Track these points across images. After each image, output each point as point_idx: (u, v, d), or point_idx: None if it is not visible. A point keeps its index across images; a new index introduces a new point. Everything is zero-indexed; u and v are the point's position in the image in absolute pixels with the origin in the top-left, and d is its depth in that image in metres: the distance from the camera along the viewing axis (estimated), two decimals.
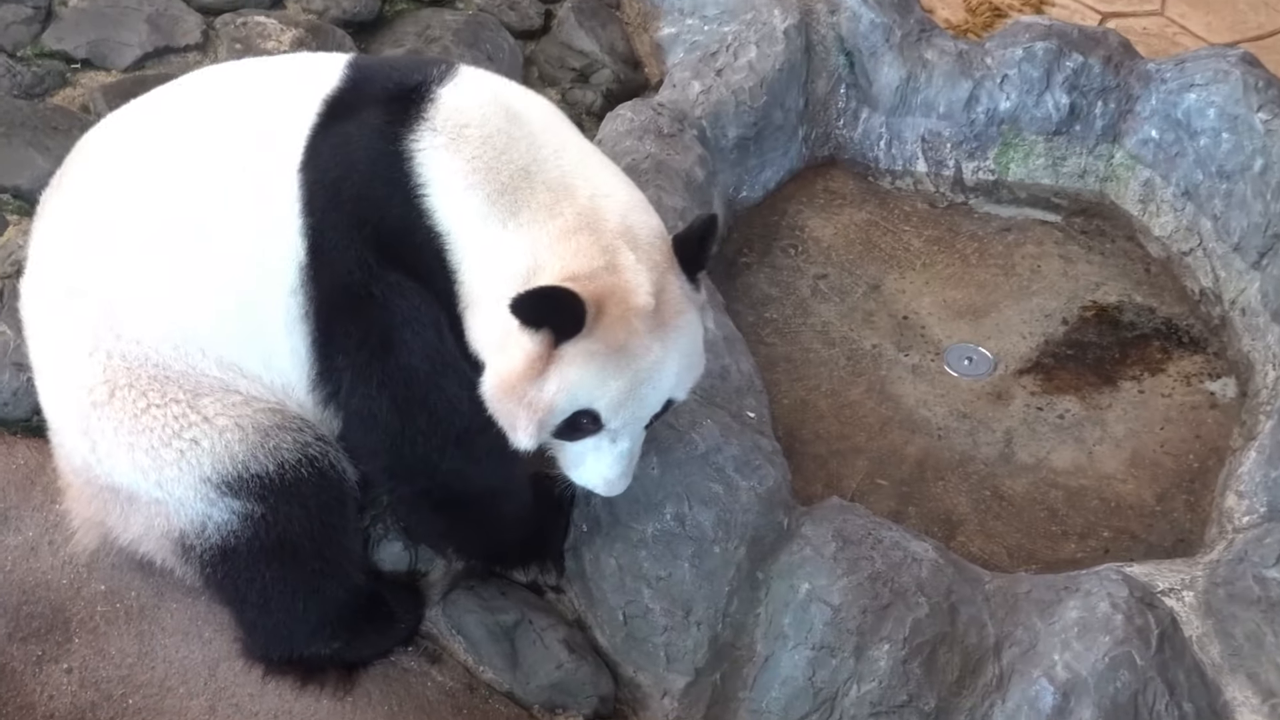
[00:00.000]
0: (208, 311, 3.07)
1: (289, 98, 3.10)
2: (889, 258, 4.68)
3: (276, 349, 3.12)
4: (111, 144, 3.21)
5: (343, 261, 2.99)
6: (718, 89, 4.64)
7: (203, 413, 3.12)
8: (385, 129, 2.96)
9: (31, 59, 4.78)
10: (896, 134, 4.96)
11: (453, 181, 2.92)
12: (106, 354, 3.11)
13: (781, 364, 4.25)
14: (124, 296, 3.08)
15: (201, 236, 3.03)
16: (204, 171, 3.06)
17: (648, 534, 3.45)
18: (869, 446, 4.09)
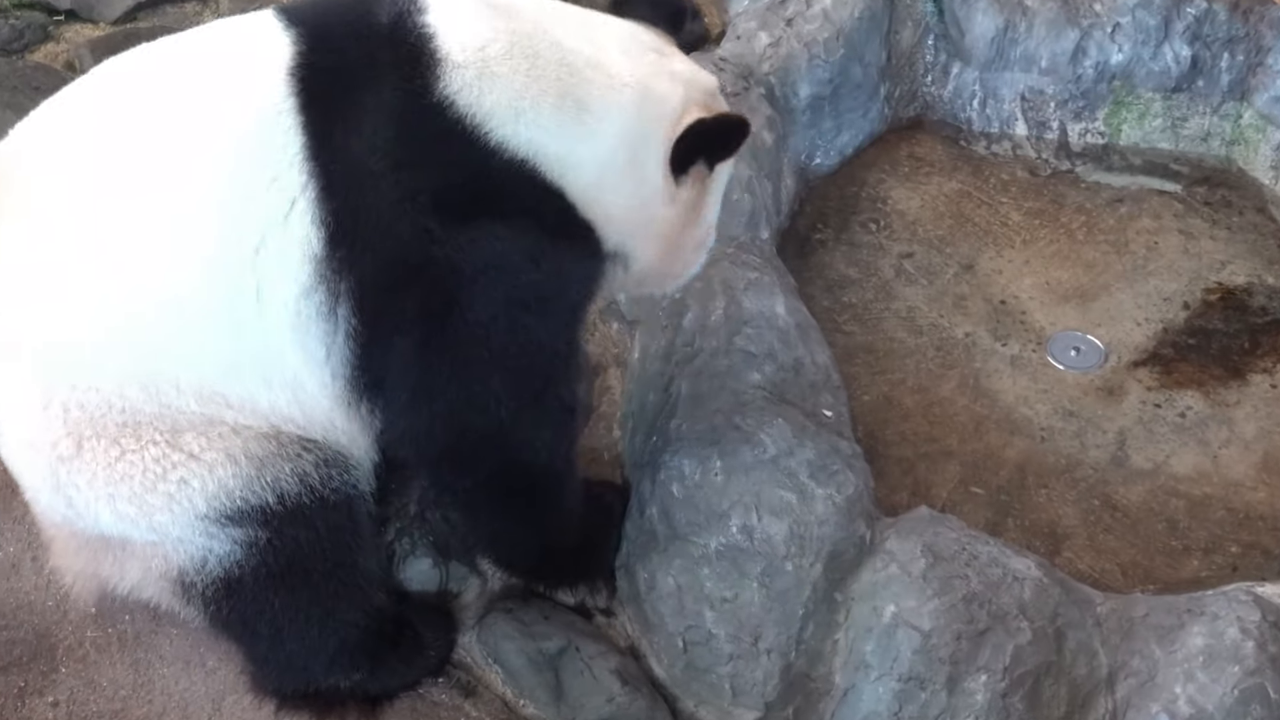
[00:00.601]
0: (184, 341, 3.05)
1: (243, 79, 3.07)
2: (984, 233, 4.68)
3: (281, 362, 3.11)
4: (33, 156, 3.14)
5: (389, 238, 3.02)
6: (788, 41, 4.65)
7: (187, 450, 3.12)
8: (407, 85, 2.99)
9: (10, 10, 4.82)
10: (992, 92, 4.96)
11: (511, 107, 3.01)
12: (63, 407, 3.08)
13: (861, 355, 4.26)
14: (71, 339, 3.04)
15: (166, 257, 3.01)
16: (160, 181, 3.02)
17: (711, 549, 3.45)
18: (962, 449, 4.09)
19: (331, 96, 3.01)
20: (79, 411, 3.08)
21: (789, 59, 4.62)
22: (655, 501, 3.53)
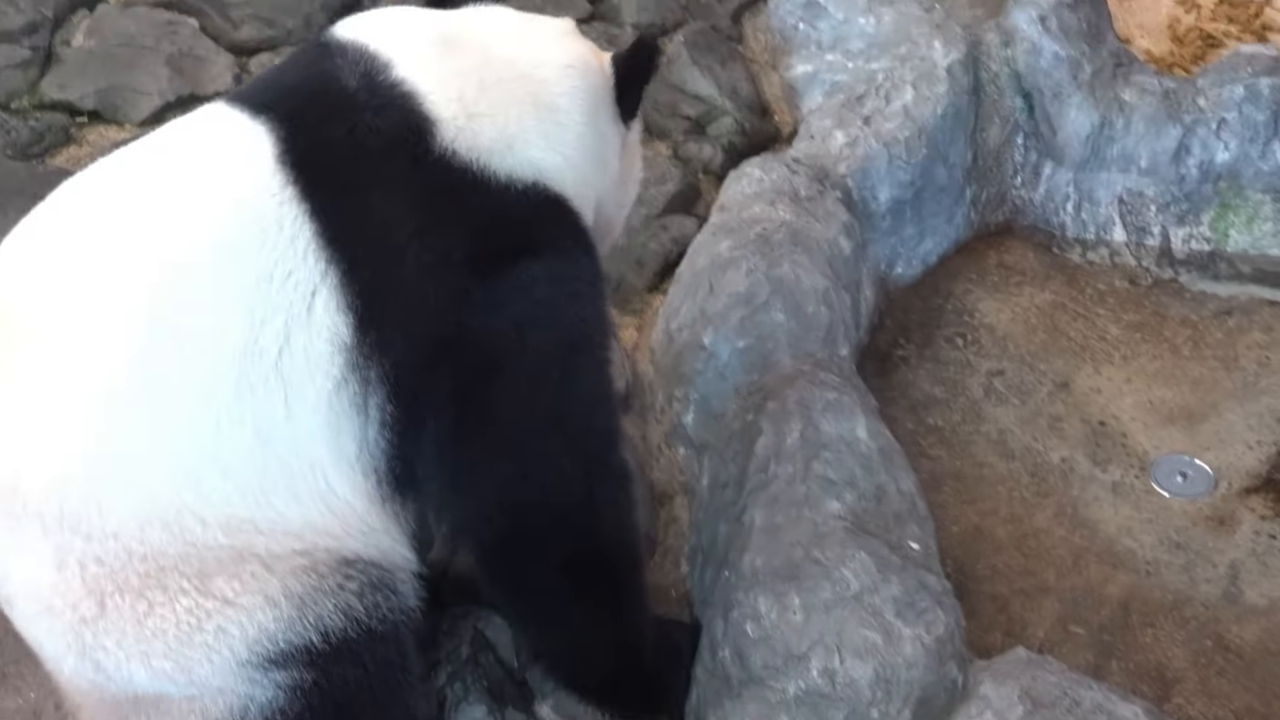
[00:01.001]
0: (207, 468, 3.01)
1: (230, 177, 3.08)
2: (1080, 349, 4.69)
3: (312, 470, 3.10)
4: (12, 284, 3.10)
5: (423, 310, 3.07)
6: (865, 140, 4.69)
7: (220, 596, 3.07)
8: (406, 150, 3.08)
9: (29, 111, 4.88)
10: (1087, 194, 4.98)
11: (504, 139, 3.16)
12: (79, 563, 3.02)
13: (949, 482, 4.27)
14: (79, 484, 2.97)
15: (178, 378, 2.97)
16: (159, 297, 2.98)
17: (789, 694, 3.44)
18: (1059, 585, 4.08)
19: (331, 177, 3.05)
20: (97, 567, 3.01)
21: (867, 160, 4.65)
22: (728, 642, 3.53)
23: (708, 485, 3.98)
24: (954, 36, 4.89)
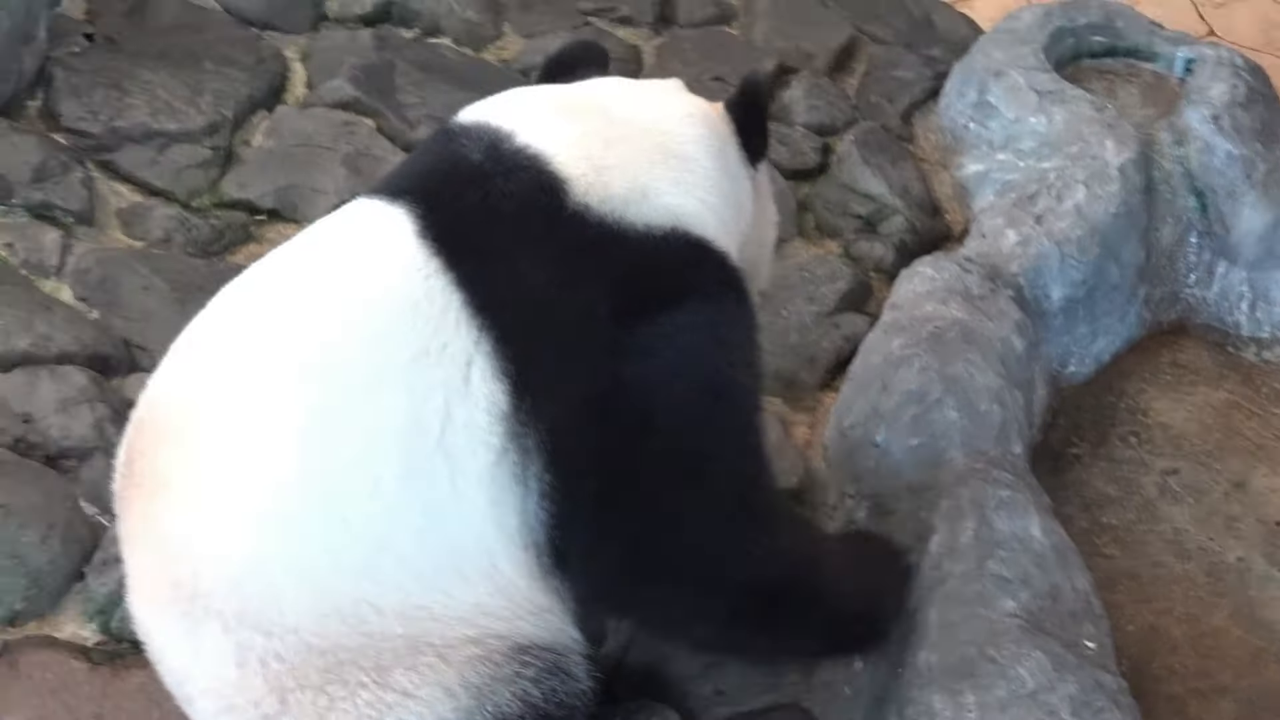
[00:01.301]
0: (382, 555, 3.01)
1: (376, 260, 3.12)
2: (1257, 448, 4.64)
3: (477, 548, 3.09)
4: (183, 385, 3.16)
5: (576, 366, 3.08)
6: (1037, 240, 4.67)
7: (398, 689, 3.06)
8: (542, 211, 3.12)
9: (209, 209, 4.94)
10: (1263, 293, 4.94)
11: (637, 188, 3.20)
12: (260, 660, 3.03)
13: (1124, 581, 4.23)
14: (259, 588, 3.00)
15: (348, 467, 2.99)
16: (322, 388, 3.02)
17: None
18: (1238, 685, 4.03)
19: (471, 245, 3.08)
20: (278, 663, 3.02)
21: (1039, 259, 4.64)
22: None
23: None
24: (1126, 136, 4.88)
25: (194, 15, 5.35)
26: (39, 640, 3.79)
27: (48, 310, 4.39)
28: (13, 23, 4.83)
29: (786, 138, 5.27)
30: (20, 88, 4.93)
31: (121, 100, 4.98)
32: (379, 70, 5.25)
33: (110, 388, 4.23)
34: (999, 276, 4.53)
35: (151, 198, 4.81)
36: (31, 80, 4.97)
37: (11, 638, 3.78)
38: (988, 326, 4.32)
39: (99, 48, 5.19)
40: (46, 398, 4.13)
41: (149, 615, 3.14)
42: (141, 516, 3.10)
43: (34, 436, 4.07)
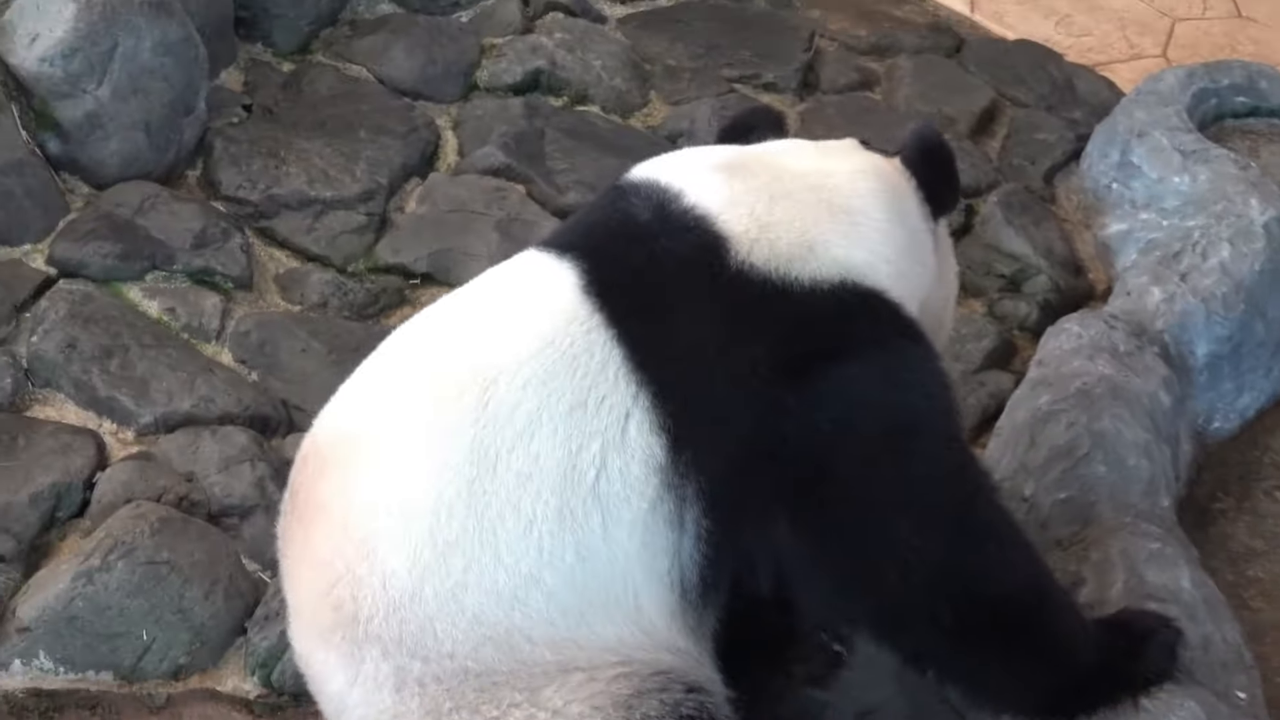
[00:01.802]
0: (534, 592, 3.05)
1: (540, 311, 3.15)
2: None
3: (624, 589, 3.12)
4: (347, 428, 3.24)
5: (738, 424, 3.10)
6: (1183, 297, 4.65)
7: (550, 708, 3.07)
8: (706, 270, 3.15)
9: (364, 274, 5.00)
10: None
11: (803, 243, 3.21)
12: (418, 683, 3.07)
13: (1271, 633, 4.18)
14: (421, 616, 3.05)
15: (507, 508, 3.04)
16: (484, 431, 3.06)
17: None
18: None
19: (633, 302, 3.12)
20: (435, 685, 3.06)
21: (1185, 315, 4.61)
22: None
23: None
24: (1270, 194, 4.86)
25: (348, 86, 5.43)
26: (202, 693, 3.84)
27: (209, 373, 4.46)
28: (174, 95, 4.91)
29: None
30: (181, 157, 5.01)
31: (279, 169, 5.05)
32: (529, 137, 5.30)
33: (270, 447, 4.30)
34: (1145, 333, 4.51)
35: (308, 263, 4.88)
36: (191, 150, 5.05)
37: (175, 691, 3.83)
38: (1135, 382, 4.31)
39: (257, 118, 5.27)
40: (209, 457, 4.19)
41: (311, 643, 3.20)
42: (303, 544, 3.17)
43: (197, 495, 4.12)
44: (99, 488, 4.14)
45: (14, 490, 4.06)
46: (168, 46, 4.88)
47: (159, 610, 3.87)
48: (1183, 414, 4.47)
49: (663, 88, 5.67)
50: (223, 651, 3.90)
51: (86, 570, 3.88)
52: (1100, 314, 4.58)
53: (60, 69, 4.75)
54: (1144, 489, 4.11)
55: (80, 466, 4.16)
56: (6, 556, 3.97)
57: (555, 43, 5.68)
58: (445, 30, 5.68)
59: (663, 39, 5.86)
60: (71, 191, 4.84)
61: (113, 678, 3.84)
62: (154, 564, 3.90)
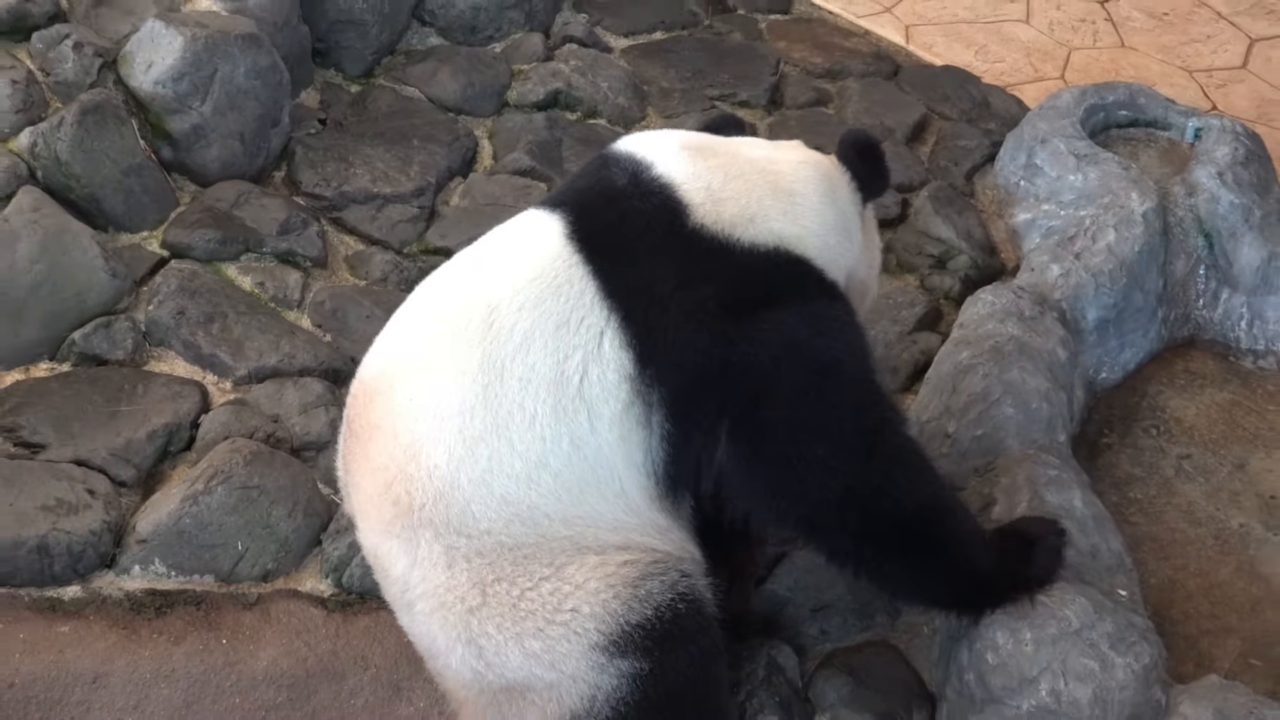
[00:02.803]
0: (544, 474, 3.12)
1: (534, 253, 3.22)
2: (1254, 437, 4.57)
3: (611, 474, 3.17)
4: (407, 334, 3.30)
5: (691, 353, 3.13)
6: (1076, 272, 4.63)
7: (572, 581, 3.12)
8: (666, 226, 3.19)
9: (416, 255, 4.99)
10: (1258, 314, 4.85)
11: (745, 215, 3.24)
12: (465, 558, 3.11)
13: (1147, 543, 4.17)
14: (460, 499, 3.10)
15: (517, 409, 3.11)
16: (494, 350, 3.13)
17: (1023, 710, 3.38)
18: (1241, 627, 3.97)
19: (607, 248, 3.18)
20: (479, 559, 3.11)
21: (1078, 287, 4.59)
22: (972, 668, 3.48)
23: None
24: (1148, 189, 4.84)
25: (404, 104, 5.40)
26: (285, 593, 3.85)
27: (291, 334, 4.44)
28: (263, 111, 4.90)
29: None
30: (269, 161, 5.00)
31: (347, 170, 5.02)
32: (549, 145, 5.27)
33: (341, 394, 4.27)
34: (1046, 302, 4.49)
35: (371, 246, 4.85)
36: (277, 155, 5.03)
37: (264, 591, 3.84)
38: (1037, 341, 4.29)
39: (330, 130, 5.24)
40: (291, 403, 4.18)
41: (376, 537, 3.23)
42: (362, 458, 3.21)
43: (281, 433, 4.11)
44: (203, 427, 4.14)
45: (134, 429, 4.06)
46: (258, 72, 4.85)
47: (251, 525, 3.87)
48: (1076, 367, 4.45)
49: (657, 104, 5.64)
50: (302, 559, 3.90)
51: (192, 494, 3.89)
52: (1010, 286, 4.56)
53: (171, 90, 4.73)
54: (1044, 427, 4.10)
55: (188, 410, 4.15)
56: (129, 483, 3.97)
57: (571, 68, 5.64)
58: (482, 59, 5.65)
59: (657, 65, 5.82)
60: (180, 189, 4.82)
61: (213, 580, 3.83)
62: (247, 488, 3.90)
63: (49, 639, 3.66)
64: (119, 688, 3.61)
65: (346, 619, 3.76)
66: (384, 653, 3.65)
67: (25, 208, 4.38)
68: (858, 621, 3.89)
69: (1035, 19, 6.73)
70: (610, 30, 6.03)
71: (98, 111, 4.59)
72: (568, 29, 5.94)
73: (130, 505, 3.94)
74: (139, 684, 3.62)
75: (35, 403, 4.12)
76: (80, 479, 3.93)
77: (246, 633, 3.72)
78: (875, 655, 3.81)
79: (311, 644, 3.70)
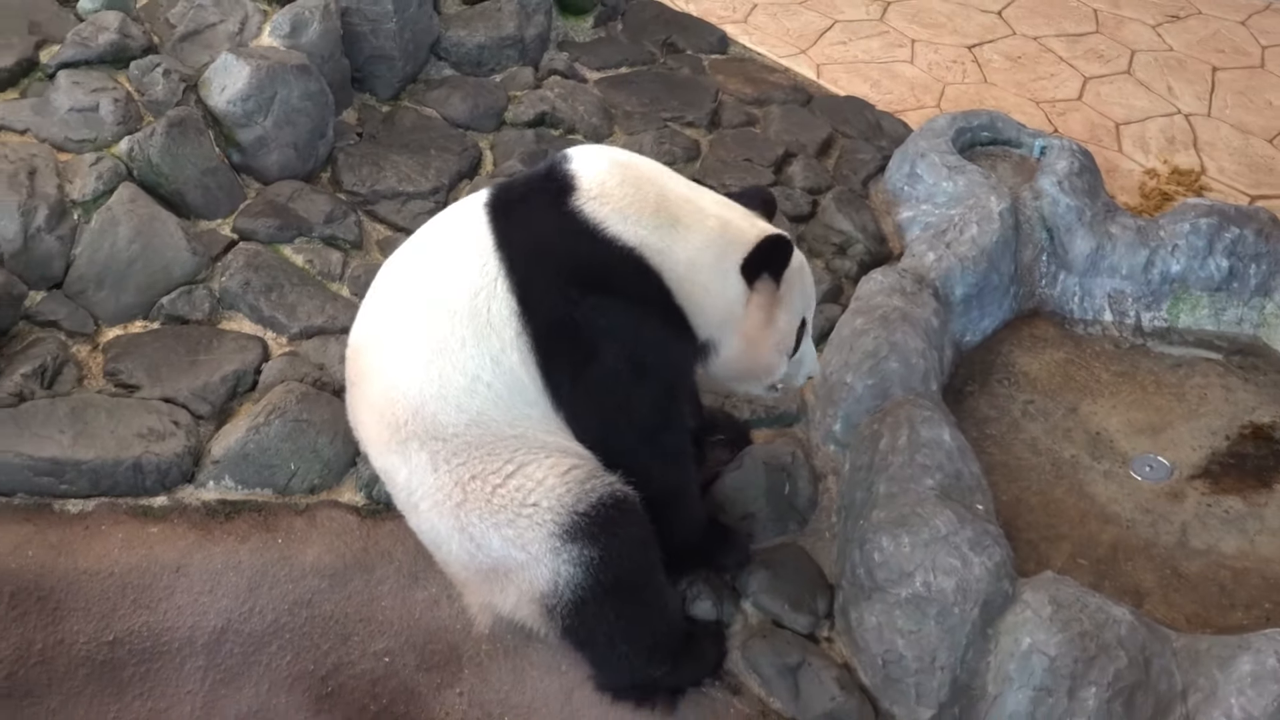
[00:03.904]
0: (478, 384, 3.13)
1: (464, 218, 3.24)
2: (1083, 388, 4.58)
3: (522, 387, 3.16)
4: (373, 308, 3.33)
5: (548, 303, 3.11)
6: (947, 258, 4.61)
7: (533, 479, 3.15)
8: (552, 204, 3.14)
9: None
10: (1088, 291, 4.86)
11: (622, 217, 3.12)
12: (445, 460, 3.15)
13: (999, 469, 4.18)
14: (430, 410, 3.13)
15: (452, 333, 3.13)
16: (435, 290, 3.17)
17: (902, 597, 3.41)
18: (1071, 534, 3.99)
19: (509, 213, 3.17)
20: (455, 460, 3.15)
21: (948, 270, 4.58)
22: (863, 564, 3.51)
23: (849, 469, 3.94)
24: (1003, 193, 4.83)
25: (424, 121, 5.35)
26: (328, 503, 3.83)
27: (334, 300, 4.40)
28: (313, 125, 4.86)
29: (790, 195, 5.23)
30: (317, 165, 4.95)
31: (379, 173, 4.98)
32: (537, 155, 5.21)
33: None
34: (923, 281, 4.49)
35: (397, 232, 4.80)
36: (324, 160, 4.98)
37: (311, 501, 3.83)
38: (916, 311, 4.29)
39: (365, 141, 5.20)
40: (334, 354, 4.14)
41: (381, 457, 3.28)
42: (361, 399, 3.27)
43: (326, 378, 4.08)
44: (264, 373, 4.10)
45: (210, 374, 4.02)
46: (309, 95, 4.81)
47: (301, 450, 3.84)
48: (946, 331, 4.45)
49: (623, 124, 5.60)
50: (340, 476, 3.87)
51: (255, 425, 3.86)
52: (895, 268, 4.56)
53: (240, 109, 4.68)
54: (921, 378, 4.11)
55: (252, 360, 4.12)
56: (205, 416, 3.94)
57: (555, 95, 5.59)
58: (485, 86, 5.59)
59: (623, 93, 5.77)
60: (247, 186, 4.77)
61: (271, 493, 3.81)
62: (298, 421, 3.87)
63: (142, 538, 3.64)
64: (196, 575, 3.61)
65: (375, 524, 3.75)
66: (404, 550, 3.64)
67: (125, 199, 4.34)
68: (774, 527, 3.90)
69: (918, 60, 6.72)
70: (586, 65, 5.97)
71: (182, 124, 4.55)
72: (552, 64, 5.89)
73: (206, 434, 3.91)
74: (212, 573, 3.61)
75: (132, 353, 4.09)
76: (167, 413, 3.89)
77: (297, 534, 3.70)
78: (788, 554, 3.82)
79: (348, 543, 3.69)
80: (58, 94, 4.60)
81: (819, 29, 6.94)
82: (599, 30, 6.30)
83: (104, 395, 3.95)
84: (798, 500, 3.95)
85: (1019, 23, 7.16)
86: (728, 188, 4.89)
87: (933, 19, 7.12)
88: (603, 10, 6.29)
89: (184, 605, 3.58)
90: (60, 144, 4.48)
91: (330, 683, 3.57)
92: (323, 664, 3.58)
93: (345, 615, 3.62)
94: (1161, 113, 6.42)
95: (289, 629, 3.59)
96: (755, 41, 6.65)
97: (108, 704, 3.55)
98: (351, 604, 3.63)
